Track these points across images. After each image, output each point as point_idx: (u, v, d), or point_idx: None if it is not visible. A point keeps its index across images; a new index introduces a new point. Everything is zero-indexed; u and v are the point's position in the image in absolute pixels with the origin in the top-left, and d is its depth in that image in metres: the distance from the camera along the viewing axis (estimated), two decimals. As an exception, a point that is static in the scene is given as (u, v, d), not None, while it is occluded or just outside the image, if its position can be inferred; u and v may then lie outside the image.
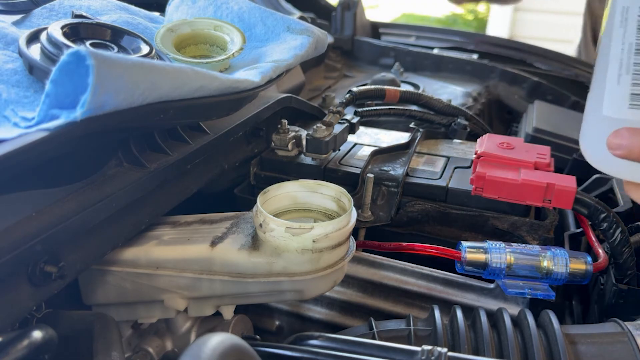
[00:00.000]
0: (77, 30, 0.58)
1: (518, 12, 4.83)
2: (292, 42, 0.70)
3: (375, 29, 1.88)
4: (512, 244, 0.69)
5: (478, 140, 0.82)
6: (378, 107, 1.03)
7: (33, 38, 0.55)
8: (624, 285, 0.67)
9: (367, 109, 1.02)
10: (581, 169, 0.98)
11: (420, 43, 1.82)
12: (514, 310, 0.68)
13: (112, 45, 0.59)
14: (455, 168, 0.88)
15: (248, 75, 0.60)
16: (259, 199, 0.60)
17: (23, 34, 0.55)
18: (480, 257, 0.68)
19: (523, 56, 1.68)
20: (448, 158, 0.93)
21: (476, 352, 0.58)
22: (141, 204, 0.58)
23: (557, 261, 0.67)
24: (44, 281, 0.45)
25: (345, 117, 0.93)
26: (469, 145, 0.99)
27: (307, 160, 0.87)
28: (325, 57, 1.60)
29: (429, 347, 0.52)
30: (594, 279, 0.75)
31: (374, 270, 0.75)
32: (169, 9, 0.78)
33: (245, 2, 0.76)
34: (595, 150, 0.47)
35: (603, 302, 0.70)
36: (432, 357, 0.51)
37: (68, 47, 0.52)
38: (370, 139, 0.99)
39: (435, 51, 1.72)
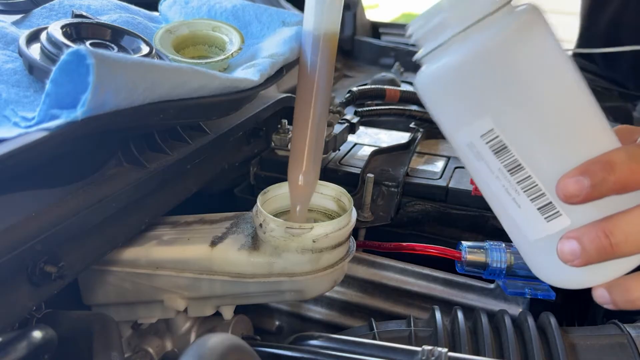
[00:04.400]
0: (77, 30, 0.57)
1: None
2: (287, 32, 0.69)
3: (375, 29, 1.88)
4: (513, 244, 0.69)
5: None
6: (378, 107, 1.03)
7: (33, 38, 0.55)
8: (624, 285, 0.67)
9: (367, 109, 1.02)
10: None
11: (420, 43, 1.81)
12: (514, 310, 0.68)
13: (112, 45, 0.59)
14: (455, 168, 0.88)
15: (247, 74, 0.60)
16: (258, 199, 0.60)
17: (23, 34, 0.55)
18: (481, 257, 0.68)
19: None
20: (448, 158, 0.93)
21: (477, 354, 0.58)
22: (141, 204, 0.57)
23: (558, 261, 0.67)
24: (43, 281, 0.45)
25: (345, 117, 0.93)
26: (469, 146, 0.99)
27: (307, 160, 0.86)
28: (325, 57, 1.59)
29: (430, 347, 0.52)
30: (594, 279, 0.74)
31: (374, 271, 0.75)
32: (162, 8, 0.78)
33: None
34: (549, 273, 0.44)
35: (603, 303, 0.70)
36: (433, 357, 0.51)
37: (68, 46, 0.51)
38: (370, 139, 0.99)
39: (436, 51, 1.71)
